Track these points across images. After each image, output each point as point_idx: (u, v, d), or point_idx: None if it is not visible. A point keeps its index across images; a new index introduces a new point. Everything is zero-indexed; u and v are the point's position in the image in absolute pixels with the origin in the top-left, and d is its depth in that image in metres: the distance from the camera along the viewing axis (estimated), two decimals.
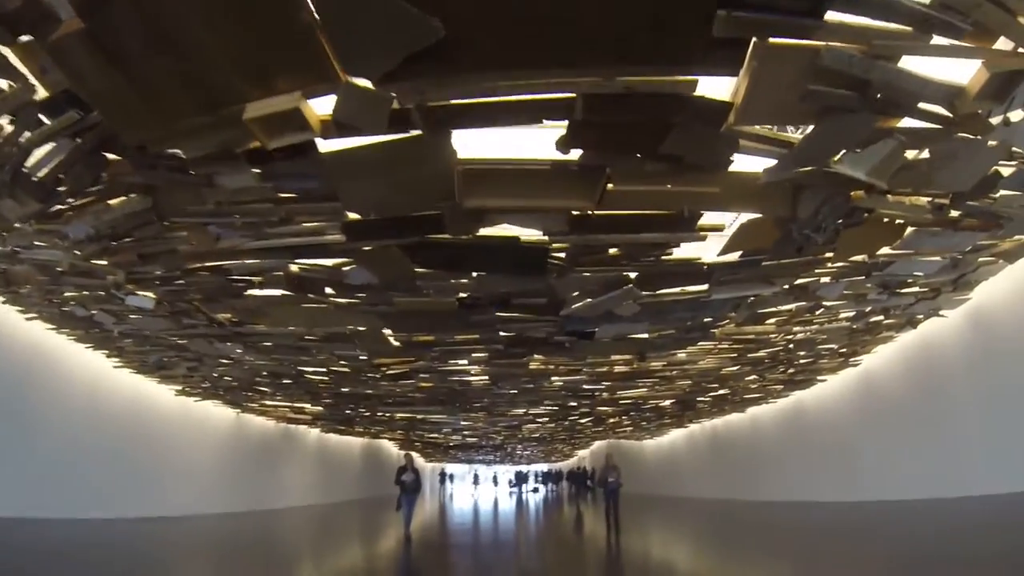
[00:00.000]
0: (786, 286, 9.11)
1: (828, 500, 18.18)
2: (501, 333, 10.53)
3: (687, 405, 22.26)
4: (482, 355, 12.35)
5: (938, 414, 13.88)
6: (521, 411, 23.28)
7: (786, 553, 11.29)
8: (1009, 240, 8.63)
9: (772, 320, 11.44)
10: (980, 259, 9.25)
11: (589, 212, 6.15)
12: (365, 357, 12.65)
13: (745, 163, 5.52)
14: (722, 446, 27.60)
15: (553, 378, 15.74)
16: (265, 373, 15.10)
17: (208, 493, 21.01)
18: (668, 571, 10.75)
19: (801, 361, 15.87)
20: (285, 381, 16.15)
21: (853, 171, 5.25)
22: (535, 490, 55.12)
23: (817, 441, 19.64)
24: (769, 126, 5.20)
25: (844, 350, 15.16)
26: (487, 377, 15.40)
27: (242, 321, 10.37)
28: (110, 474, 16.09)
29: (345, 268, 7.62)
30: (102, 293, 9.49)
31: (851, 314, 11.61)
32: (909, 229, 7.31)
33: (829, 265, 8.43)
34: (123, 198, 6.11)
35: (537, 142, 5.15)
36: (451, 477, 56.28)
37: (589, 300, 8.46)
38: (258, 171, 5.30)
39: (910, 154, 5.38)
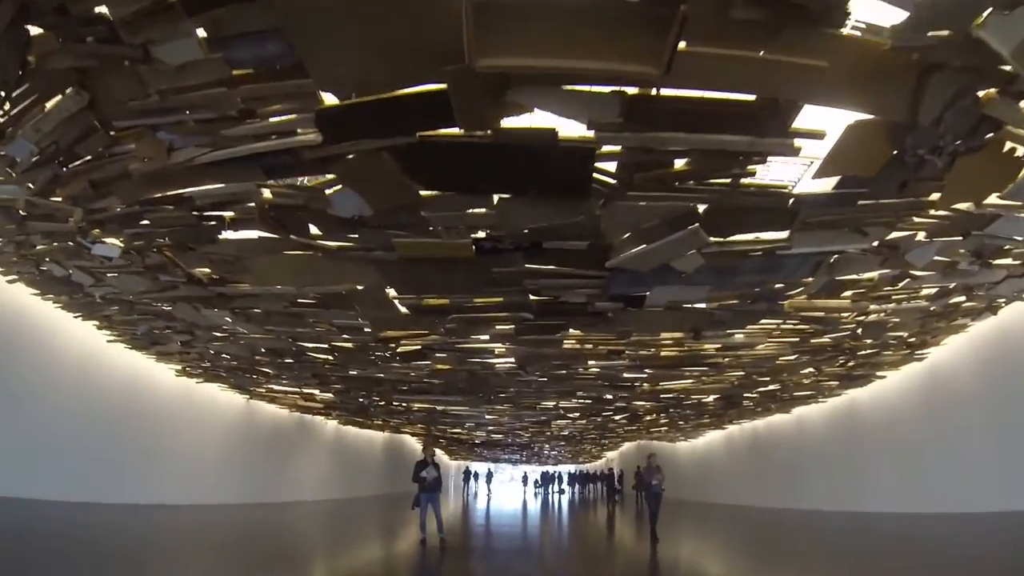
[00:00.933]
0: (876, 243, 7.55)
1: (883, 511, 16.55)
2: (531, 296, 8.72)
3: (732, 402, 20.37)
4: (507, 327, 10.48)
5: (1017, 415, 12.36)
6: (551, 404, 21.51)
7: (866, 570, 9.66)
8: None
9: (848, 293, 9.81)
10: None
11: (651, 92, 4.50)
12: (369, 329, 10.95)
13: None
14: (764, 450, 25.90)
15: (590, 362, 13.88)
16: (263, 350, 13.58)
17: (212, 482, 19.88)
18: None
19: (864, 352, 14.27)
20: (287, 360, 14.58)
21: (997, 41, 4.08)
22: (561, 492, 53.60)
23: (873, 445, 18.02)
24: None
25: (912, 339, 13.65)
26: (513, 359, 13.61)
27: (224, 279, 8.84)
28: (100, 455, 15.00)
29: (328, 192, 5.97)
30: (70, 244, 8.57)
31: (933, 291, 10.29)
32: None
33: (931, 212, 6.94)
34: (58, 97, 5.21)
35: None
36: (475, 476, 54.65)
37: (643, 246, 6.68)
38: (203, 35, 4.28)
39: None
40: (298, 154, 5.37)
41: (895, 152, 5.45)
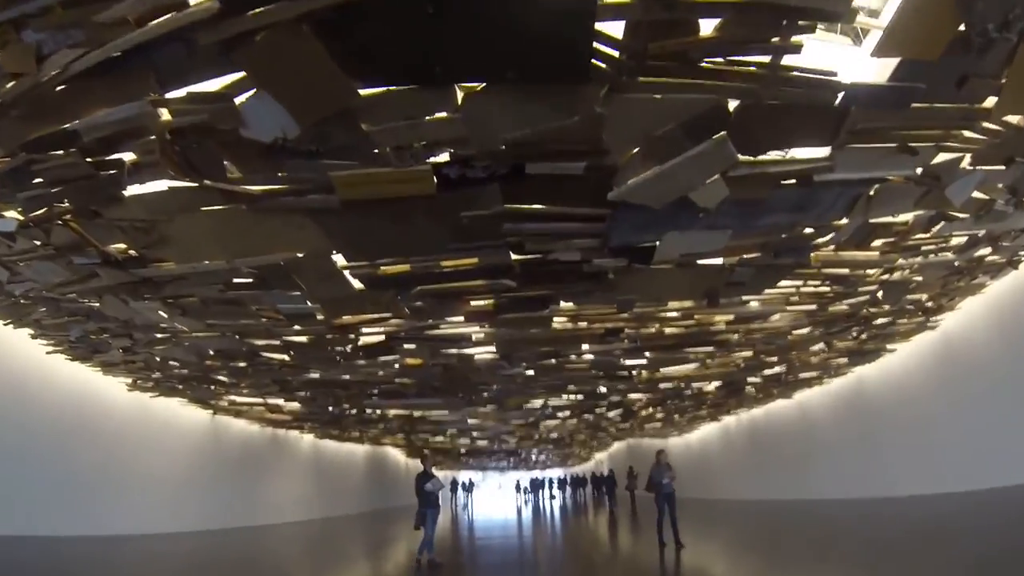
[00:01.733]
0: (920, 169, 6.44)
1: (900, 495, 15.49)
2: (512, 255, 7.16)
3: (734, 389, 19.00)
4: (485, 302, 8.89)
5: None
6: (539, 403, 19.96)
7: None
8: None
9: (878, 243, 8.68)
10: None
11: None
12: (321, 317, 9.33)
13: None
14: (765, 440, 24.71)
15: (583, 347, 12.36)
16: (212, 353, 11.93)
17: (175, 508, 18.05)
18: None
19: (879, 322, 13.32)
20: (240, 364, 12.92)
21: None
22: (552, 497, 52.13)
23: (884, 425, 17.01)
24: None
25: (930, 303, 12.78)
26: (494, 348, 12.08)
27: (143, 256, 7.24)
28: (42, 483, 13.17)
29: (238, 100, 4.44)
30: None
31: (962, 240, 9.50)
32: None
33: (983, 125, 5.97)
34: None
35: None
36: (464, 486, 52.82)
37: (656, 168, 5.18)
38: None
39: None
40: (191, 43, 3.88)
41: (961, 29, 4.41)
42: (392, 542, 16.57)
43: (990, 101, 5.58)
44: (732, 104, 4.75)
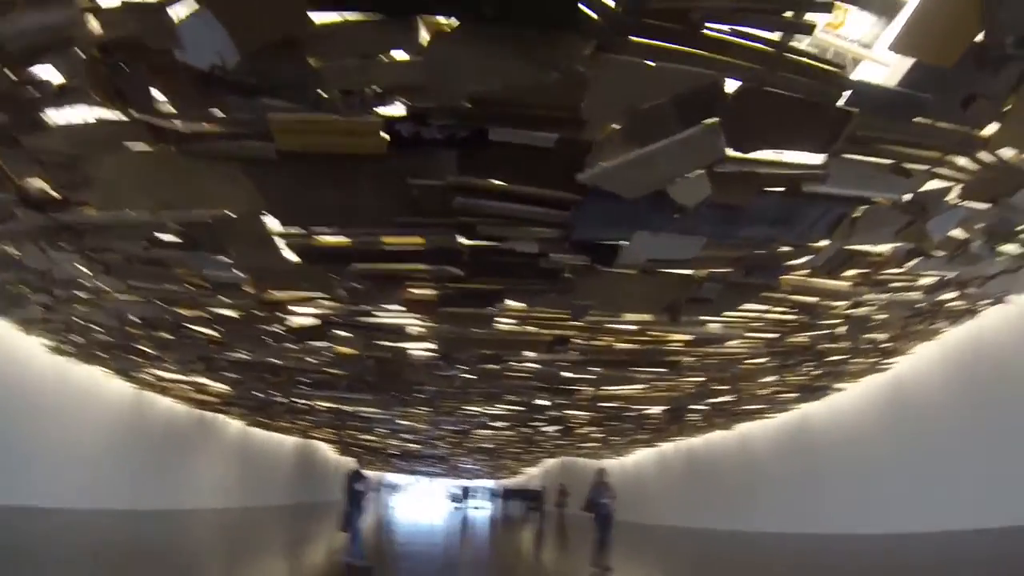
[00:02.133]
0: (910, 195, 6.15)
1: (842, 532, 15.32)
2: (462, 240, 6.50)
3: (677, 415, 18.60)
4: (428, 291, 8.15)
5: (996, 426, 11.39)
6: (475, 410, 19.28)
7: None
8: None
9: (852, 272, 8.32)
10: None
11: None
12: (251, 290, 8.56)
13: None
14: (704, 468, 24.47)
15: (527, 354, 11.70)
16: (136, 320, 11.05)
17: (91, 482, 17.07)
18: None
19: (834, 358, 13.10)
20: (165, 336, 12.01)
21: None
22: (478, 508, 51.55)
23: (827, 463, 16.91)
24: None
25: (887, 344, 12.64)
26: (433, 345, 11.40)
27: (65, 198, 6.43)
28: None
29: (176, 13, 3.74)
30: None
31: (932, 280, 9.29)
32: None
33: (977, 157, 5.76)
34: None
35: None
36: (387, 488, 51.73)
37: (636, 151, 4.60)
38: None
39: None
40: None
41: (981, 37, 4.09)
42: (313, 539, 15.84)
43: (990, 128, 5.30)
44: (730, 89, 4.23)
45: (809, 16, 3.84)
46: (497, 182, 5.22)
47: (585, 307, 8.20)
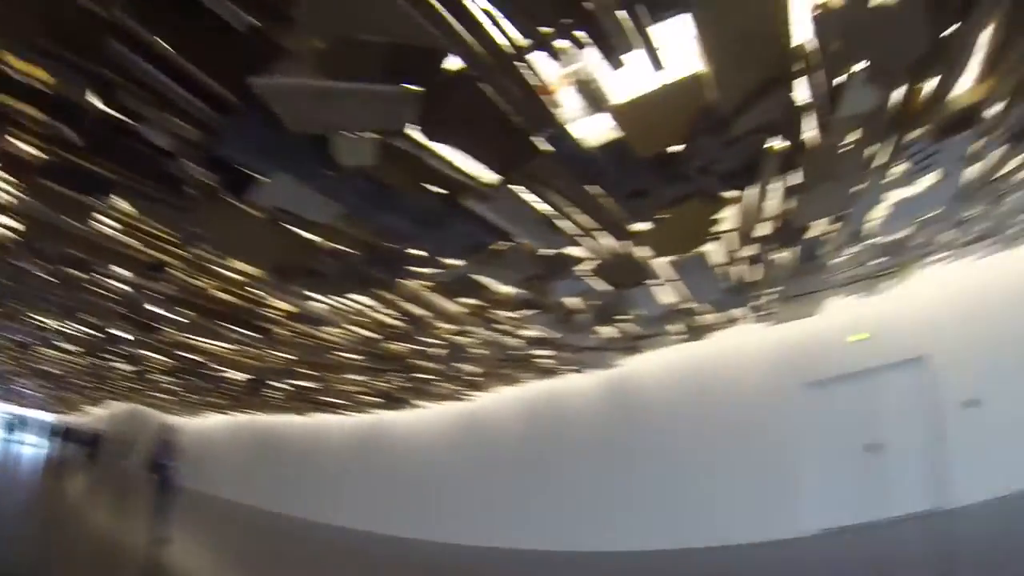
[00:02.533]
0: (552, 251, 6.49)
1: (404, 536, 16.42)
2: (93, 98, 4.82)
3: (257, 388, 17.37)
4: (32, 150, 5.78)
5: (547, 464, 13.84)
6: (46, 321, 15.85)
7: None
8: None
9: (471, 300, 8.41)
10: None
11: None
12: None
13: None
14: (272, 448, 24.07)
15: (117, 269, 9.37)
16: None
17: None
18: None
19: (424, 376, 13.41)
20: None
21: None
22: (29, 445, 44.00)
23: (403, 469, 17.92)
24: None
25: (474, 378, 13.65)
26: (18, 221, 8.72)
27: None
28: None
29: None
30: None
31: (535, 334, 10.04)
32: None
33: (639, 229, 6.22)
34: None
35: None
36: None
37: (327, 83, 3.80)
38: None
39: None
40: None
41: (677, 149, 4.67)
42: None
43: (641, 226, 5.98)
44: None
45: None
46: (166, 45, 4.01)
47: (197, 235, 6.96)
